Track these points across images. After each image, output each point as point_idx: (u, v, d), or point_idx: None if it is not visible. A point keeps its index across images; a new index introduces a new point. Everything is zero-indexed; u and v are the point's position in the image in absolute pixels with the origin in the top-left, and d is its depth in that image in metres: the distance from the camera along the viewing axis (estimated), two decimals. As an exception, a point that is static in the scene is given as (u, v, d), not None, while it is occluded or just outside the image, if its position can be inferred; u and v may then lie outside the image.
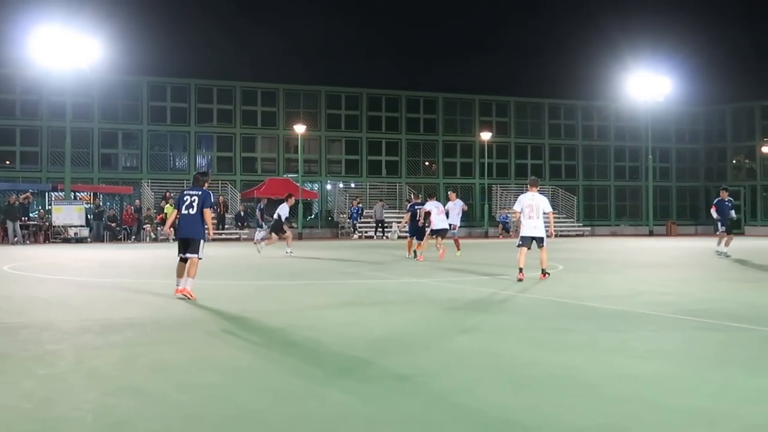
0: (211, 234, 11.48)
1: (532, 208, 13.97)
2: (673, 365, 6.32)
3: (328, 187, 46.14)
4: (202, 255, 11.16)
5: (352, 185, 46.22)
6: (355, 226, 41.33)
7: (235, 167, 43.73)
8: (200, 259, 11.14)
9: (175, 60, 61.03)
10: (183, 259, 11.07)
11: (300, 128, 41.02)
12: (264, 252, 21.97)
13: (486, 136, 45.73)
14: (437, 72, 71.02)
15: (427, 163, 48.49)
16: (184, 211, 11.12)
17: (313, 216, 45.74)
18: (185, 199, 11.19)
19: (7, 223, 31.95)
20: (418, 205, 21.10)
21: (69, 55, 34.25)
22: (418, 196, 22.36)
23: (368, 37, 76.18)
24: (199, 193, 11.19)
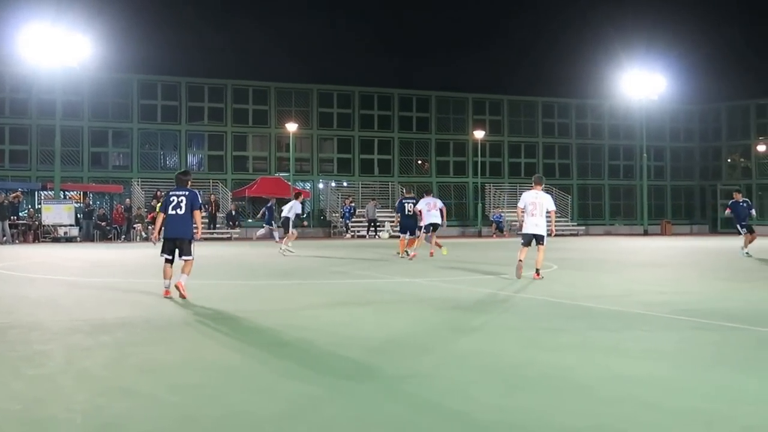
0: (200, 234, 11.46)
1: (535, 206, 14.02)
2: (668, 366, 6.33)
3: (320, 186, 46.13)
4: (193, 254, 11.19)
5: (344, 184, 46.22)
6: (348, 225, 41.32)
7: (226, 166, 43.67)
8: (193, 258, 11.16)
9: (166, 58, 60.97)
10: (169, 260, 11.07)
11: (292, 127, 41.02)
12: (289, 250, 22.58)
13: (479, 135, 45.80)
14: (430, 70, 71.14)
15: (419, 162, 48.52)
16: (172, 212, 11.10)
17: (304, 215, 45.69)
18: (172, 199, 11.17)
19: (-3, 222, 31.88)
20: (406, 200, 21.35)
21: (59, 53, 34.16)
22: (410, 191, 22.55)
23: (360, 35, 76.18)
24: (187, 194, 11.17)
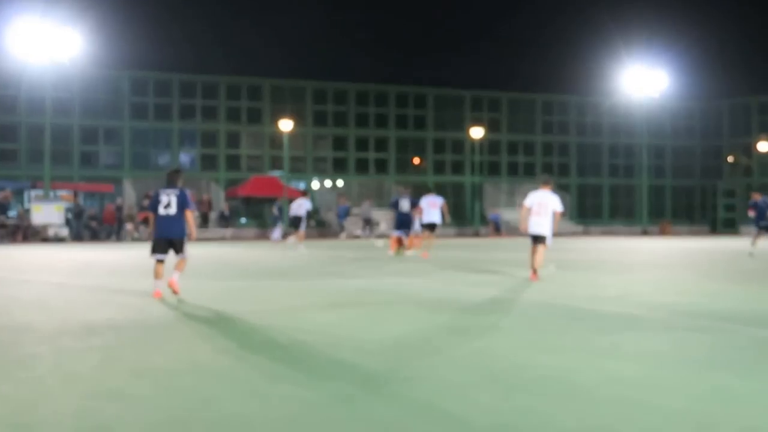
0: (194, 235, 11.49)
1: (542, 206, 14.24)
2: (665, 367, 6.37)
3: (315, 185, 46.13)
4: (187, 253, 11.28)
5: (340, 183, 46.23)
6: (343, 225, 41.33)
7: (219, 165, 43.67)
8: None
9: (158, 54, 60.90)
10: (161, 261, 11.15)
11: (286, 124, 41.00)
12: (300, 250, 23.74)
13: (477, 133, 45.83)
14: (427, 67, 71.18)
15: (416, 161, 48.54)
16: (162, 212, 11.11)
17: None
18: (162, 198, 11.16)
19: (-15, 222, 31.87)
20: (401, 197, 21.49)
21: (48, 48, 34.08)
22: (407, 189, 22.66)
23: (357, 31, 76.17)
24: (177, 193, 11.17)
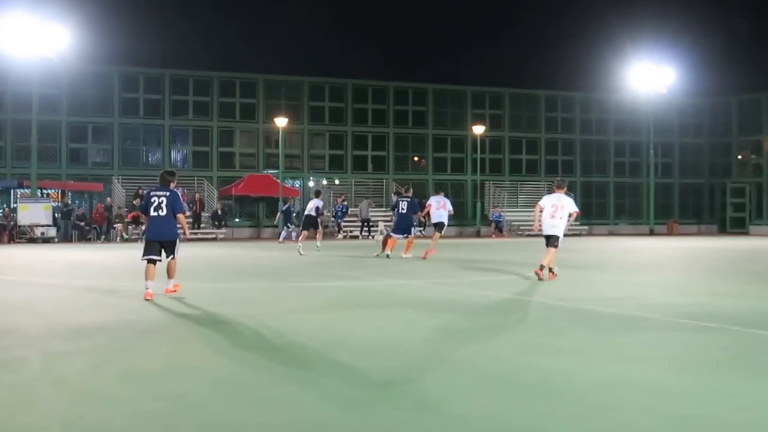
0: (187, 234, 11.68)
1: (556, 208, 14.68)
2: (669, 371, 6.40)
3: (311, 184, 46.14)
4: (178, 255, 11.40)
5: (337, 182, 46.26)
6: (340, 225, 41.35)
7: (212, 163, 43.66)
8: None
9: (149, 49, 60.80)
10: (152, 261, 11.24)
11: (281, 121, 40.99)
12: (307, 250, 24.27)
13: (479, 130, 45.82)
14: (427, 62, 71.01)
15: (416, 159, 48.54)
16: (153, 213, 11.31)
17: (294, 214, 45.71)
18: (153, 200, 11.33)
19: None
20: (401, 198, 21.72)
21: (35, 43, 34.04)
22: (408, 190, 22.89)
23: (354, 24, 76.14)
24: (167, 194, 11.33)
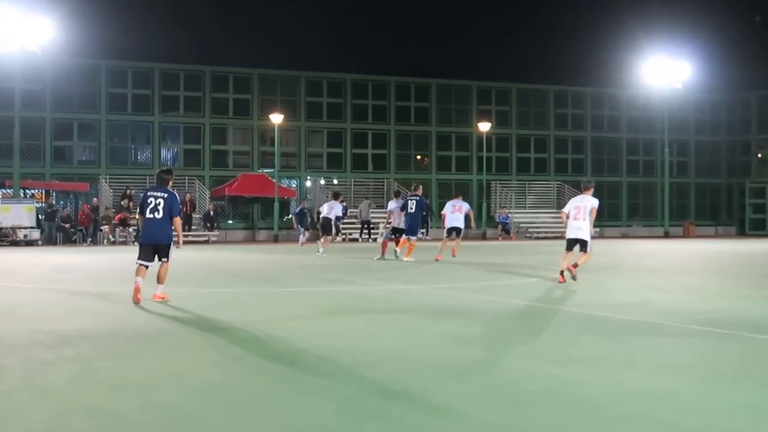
0: (181, 243, 11.85)
1: (579, 210, 14.88)
2: (685, 380, 6.40)
3: (308, 183, 46.15)
4: (170, 258, 11.59)
5: (335, 181, 46.25)
6: (338, 227, 41.36)
7: (204, 161, 43.67)
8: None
9: (137, 41, 60.87)
10: (144, 265, 11.34)
11: (277, 118, 41.00)
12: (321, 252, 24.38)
13: (485, 127, 45.82)
14: (430, 56, 71.13)
15: (418, 157, 48.57)
16: (149, 215, 11.37)
17: (290, 216, 45.74)
18: (149, 201, 11.36)
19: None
20: (410, 198, 21.84)
21: (18, 36, 34.10)
22: (419, 188, 22.98)
23: (353, 16, 76.21)
24: (165, 196, 11.37)
